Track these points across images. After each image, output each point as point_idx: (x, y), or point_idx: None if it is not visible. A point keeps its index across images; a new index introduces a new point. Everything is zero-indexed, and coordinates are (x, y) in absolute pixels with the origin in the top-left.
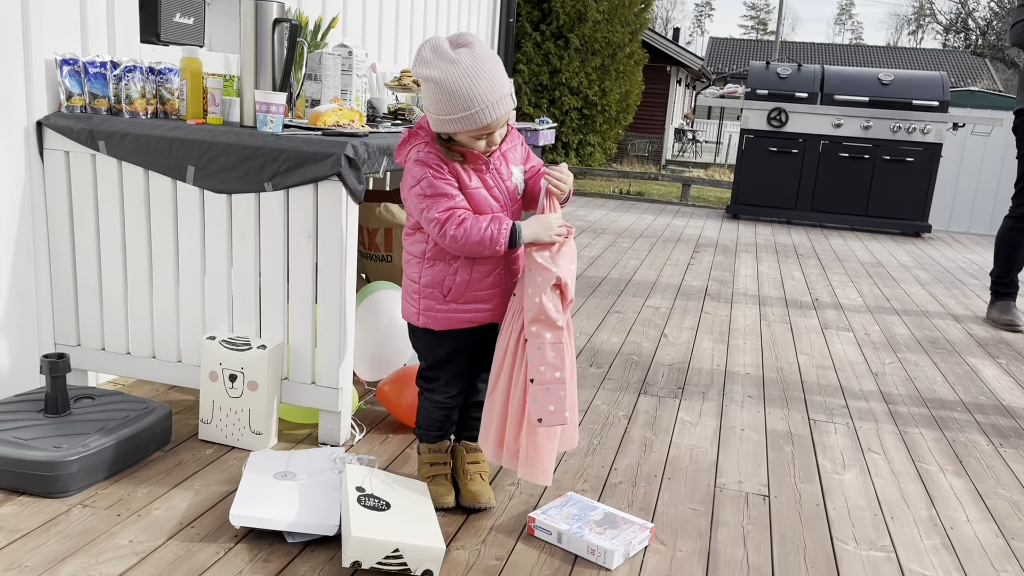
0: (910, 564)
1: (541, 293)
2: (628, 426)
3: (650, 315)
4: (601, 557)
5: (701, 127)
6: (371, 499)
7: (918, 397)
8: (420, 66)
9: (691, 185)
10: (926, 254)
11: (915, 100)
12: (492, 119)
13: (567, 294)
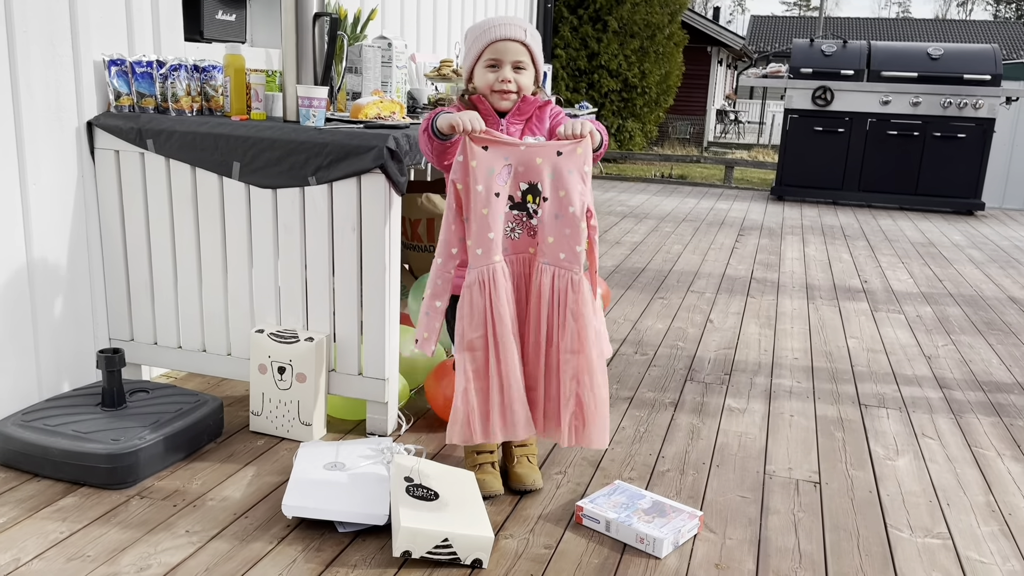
0: (967, 551)
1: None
2: (675, 413)
3: (695, 300)
4: (650, 546)
5: (743, 107)
6: (419, 489)
7: (973, 380)
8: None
9: (734, 167)
10: (980, 232)
11: (966, 74)
12: (500, 34)
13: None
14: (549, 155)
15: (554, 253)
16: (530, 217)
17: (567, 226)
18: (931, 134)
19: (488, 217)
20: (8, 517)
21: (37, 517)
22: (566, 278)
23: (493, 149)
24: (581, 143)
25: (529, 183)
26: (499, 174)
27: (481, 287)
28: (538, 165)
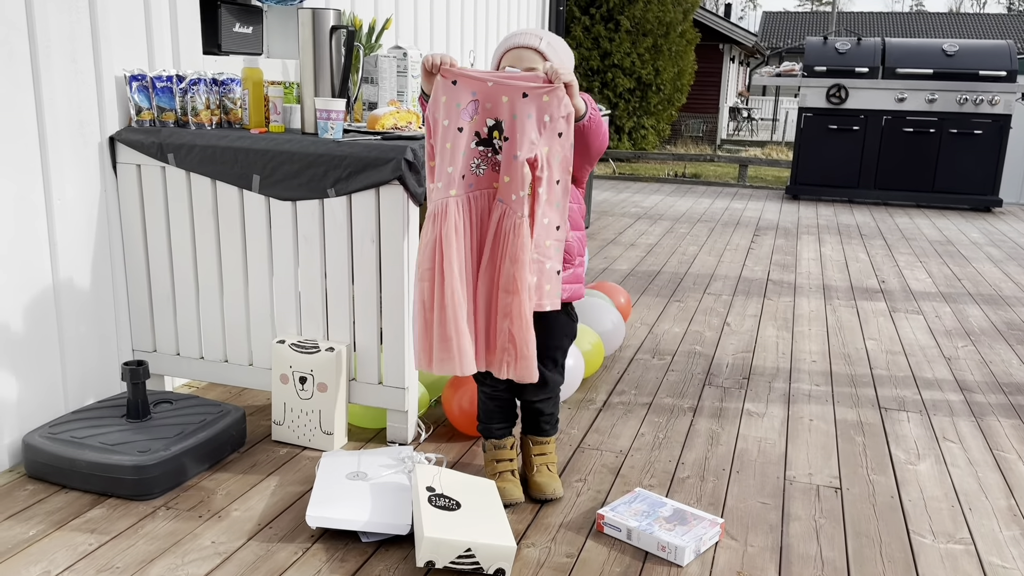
0: (990, 557)
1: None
2: (694, 419)
3: (711, 303)
4: (672, 554)
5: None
6: (442, 499)
7: (994, 383)
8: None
9: (748, 165)
10: (998, 230)
11: (981, 71)
12: (516, 42)
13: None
14: (515, 95)
15: (507, 193)
16: (495, 153)
17: (515, 170)
18: (947, 131)
19: (450, 151)
20: (37, 529)
21: (66, 529)
22: (511, 220)
23: (462, 83)
24: (549, 91)
25: (495, 119)
26: (465, 108)
27: (434, 219)
28: (503, 103)
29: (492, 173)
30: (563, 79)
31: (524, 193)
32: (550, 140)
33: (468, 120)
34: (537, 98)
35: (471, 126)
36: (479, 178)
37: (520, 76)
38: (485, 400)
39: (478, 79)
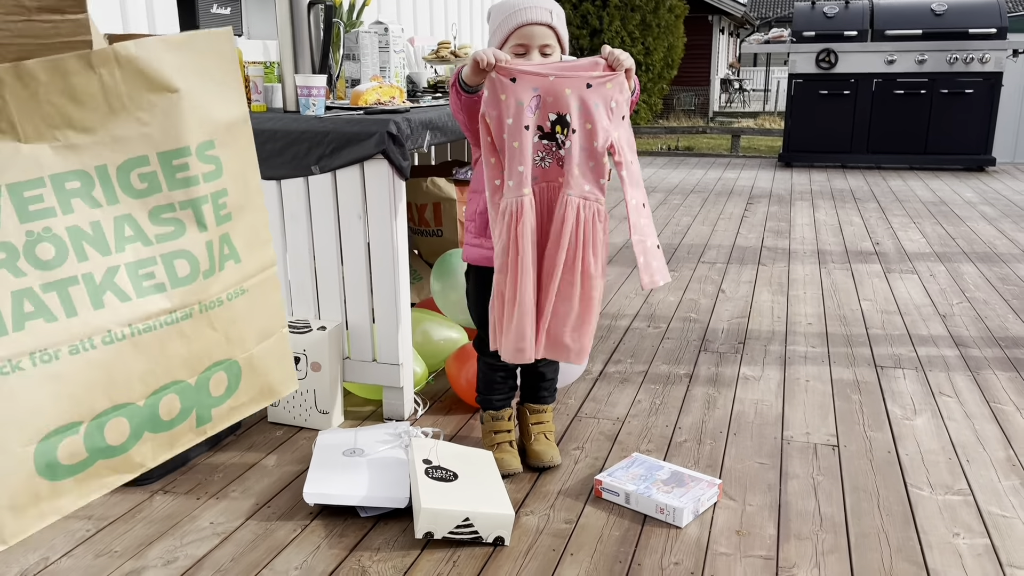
0: (989, 506)
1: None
2: (690, 384)
3: (706, 271)
4: (670, 515)
5: (747, 75)
6: (438, 471)
7: (990, 337)
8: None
9: (741, 136)
10: (991, 188)
11: (971, 28)
12: (526, 18)
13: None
14: (578, 87)
15: (579, 185)
16: (559, 147)
17: (592, 159)
18: (938, 91)
19: (519, 150)
20: None
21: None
22: (592, 209)
23: (521, 80)
24: (612, 79)
25: (558, 114)
26: (528, 105)
27: (511, 217)
28: (566, 96)
29: (557, 167)
30: (624, 65)
31: (604, 181)
32: (618, 125)
33: (532, 116)
34: (601, 87)
35: (535, 121)
36: (545, 171)
37: (580, 65)
38: (487, 371)
39: (539, 74)
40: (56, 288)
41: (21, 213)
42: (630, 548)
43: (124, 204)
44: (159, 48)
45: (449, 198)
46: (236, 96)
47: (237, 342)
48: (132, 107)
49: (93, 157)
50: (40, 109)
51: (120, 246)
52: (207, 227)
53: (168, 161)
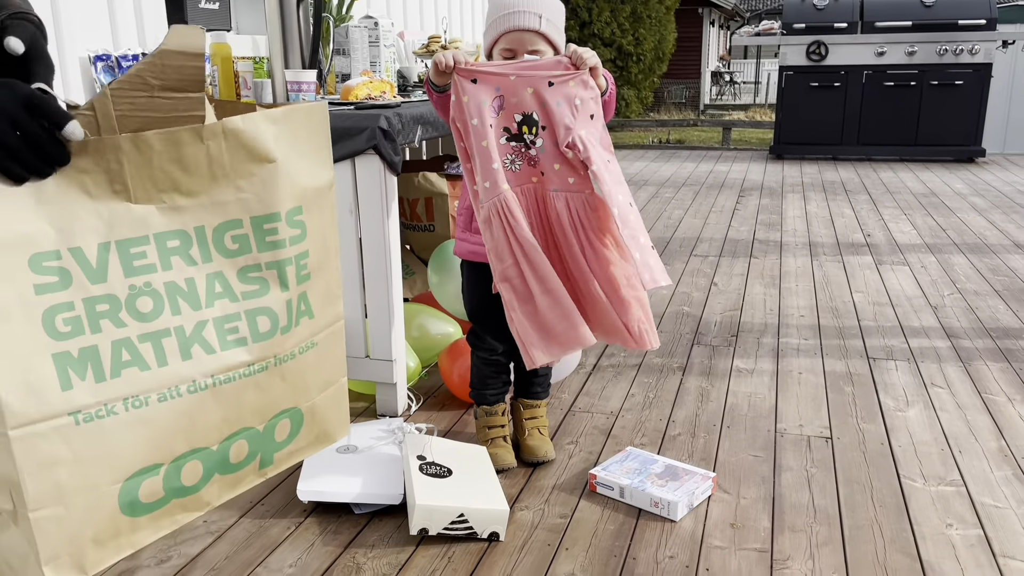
0: (981, 497)
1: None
2: (683, 377)
3: (698, 264)
4: (665, 509)
5: (738, 68)
6: (433, 467)
7: (981, 328)
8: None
9: (732, 128)
10: (981, 179)
11: (961, 20)
12: (515, 24)
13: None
14: (540, 85)
15: (563, 178)
16: (528, 148)
17: (564, 155)
18: (928, 83)
19: (488, 148)
20: None
21: None
22: (579, 199)
23: (482, 81)
24: (574, 77)
25: (523, 114)
26: (491, 106)
27: (498, 217)
28: (528, 95)
29: (528, 168)
30: (588, 64)
31: (584, 171)
32: (584, 123)
33: (495, 116)
34: (564, 85)
35: (499, 122)
36: (516, 174)
37: (542, 64)
38: (480, 365)
39: (499, 74)
40: (151, 339)
41: (126, 268)
42: (625, 542)
43: (216, 263)
44: (262, 122)
45: (441, 193)
46: (325, 163)
47: (302, 391)
48: (233, 175)
49: (193, 219)
50: (152, 174)
51: (210, 302)
52: (288, 287)
53: (260, 225)
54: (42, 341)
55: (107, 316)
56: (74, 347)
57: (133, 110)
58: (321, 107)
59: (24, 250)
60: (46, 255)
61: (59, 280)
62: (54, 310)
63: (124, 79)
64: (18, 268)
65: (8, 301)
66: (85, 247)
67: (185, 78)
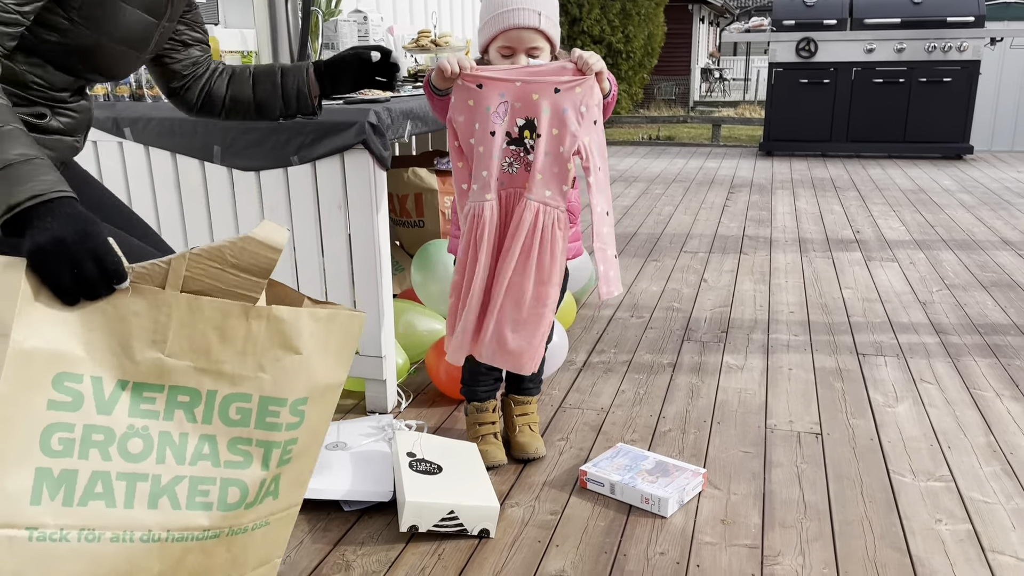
0: (970, 492)
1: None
2: (673, 373)
3: (688, 260)
4: (655, 505)
5: (728, 64)
6: (423, 464)
7: (970, 324)
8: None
9: (721, 125)
10: (969, 176)
11: (949, 17)
12: (513, 22)
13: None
14: (546, 91)
15: (540, 190)
16: (527, 152)
17: (556, 164)
18: (916, 80)
19: (483, 155)
20: None
21: None
22: (552, 216)
23: (488, 86)
24: (580, 83)
25: (526, 118)
26: (496, 111)
27: (473, 220)
28: (535, 101)
29: (525, 172)
30: (594, 69)
31: (567, 188)
32: (588, 130)
33: (500, 122)
34: (570, 91)
35: (503, 127)
36: (512, 176)
37: (548, 70)
38: (471, 362)
39: (506, 80)
40: (127, 479)
41: (133, 409)
42: (615, 538)
43: (214, 427)
44: (304, 318)
45: (431, 188)
46: (343, 365)
47: (240, 564)
48: (260, 355)
49: (211, 383)
50: (192, 335)
51: (194, 460)
52: (268, 467)
53: (266, 406)
54: (33, 452)
55: (98, 446)
56: (58, 466)
57: (202, 275)
58: (360, 318)
59: (54, 367)
60: (71, 376)
61: (71, 401)
62: (55, 428)
63: (205, 249)
64: (42, 381)
65: (19, 408)
66: (106, 379)
67: (258, 265)
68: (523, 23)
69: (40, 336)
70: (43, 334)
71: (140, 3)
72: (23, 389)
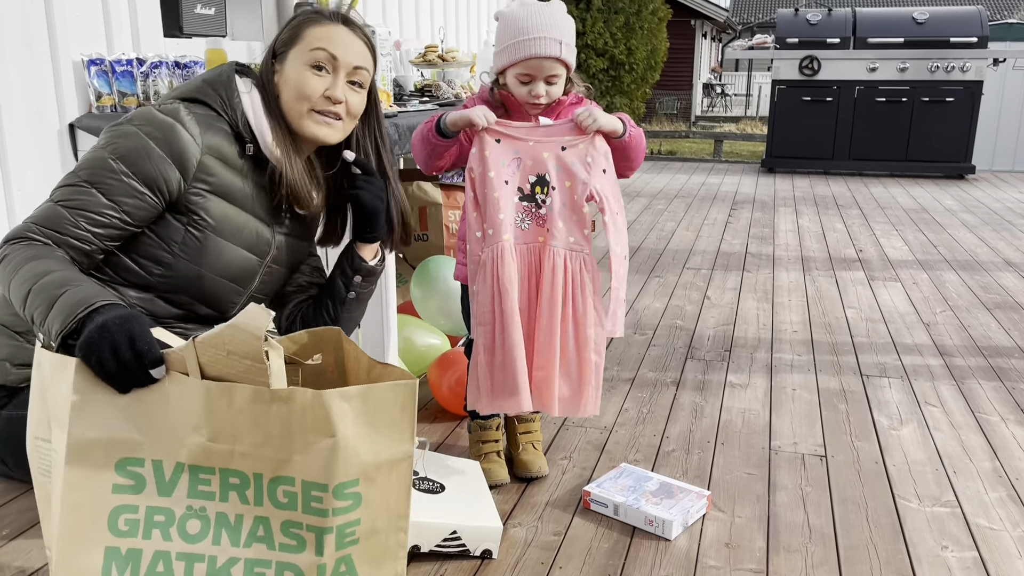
0: (976, 519)
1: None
2: (677, 392)
3: (691, 278)
4: (659, 528)
5: (730, 80)
6: (425, 482)
7: (973, 346)
8: (500, 10)
9: (723, 141)
10: (971, 196)
11: (952, 37)
12: (535, 51)
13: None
14: (554, 150)
15: (564, 237)
16: (539, 207)
17: (574, 212)
18: (919, 99)
19: (500, 200)
20: (12, 528)
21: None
22: (579, 259)
23: (504, 142)
24: (583, 141)
25: (537, 175)
26: (509, 165)
27: (493, 263)
28: (544, 159)
29: (537, 228)
30: (591, 128)
31: (588, 232)
32: (598, 178)
33: (512, 175)
34: (575, 148)
35: (515, 181)
36: (525, 232)
37: (557, 130)
38: None
39: (520, 139)
40: (186, 559)
41: (192, 490)
42: (619, 561)
43: (266, 509)
44: (332, 399)
45: (435, 202)
46: (401, 438)
47: None
48: (292, 439)
49: (255, 465)
50: (224, 420)
51: (249, 542)
52: (323, 553)
53: (309, 490)
54: (102, 533)
55: (159, 527)
56: (125, 546)
57: (213, 362)
58: (409, 386)
59: (115, 453)
60: (133, 461)
61: (135, 484)
62: (121, 510)
63: (206, 337)
64: (105, 467)
65: (86, 493)
66: (166, 462)
67: (248, 351)
68: (545, 53)
69: (98, 427)
70: (100, 424)
71: (242, 241)
72: (88, 476)
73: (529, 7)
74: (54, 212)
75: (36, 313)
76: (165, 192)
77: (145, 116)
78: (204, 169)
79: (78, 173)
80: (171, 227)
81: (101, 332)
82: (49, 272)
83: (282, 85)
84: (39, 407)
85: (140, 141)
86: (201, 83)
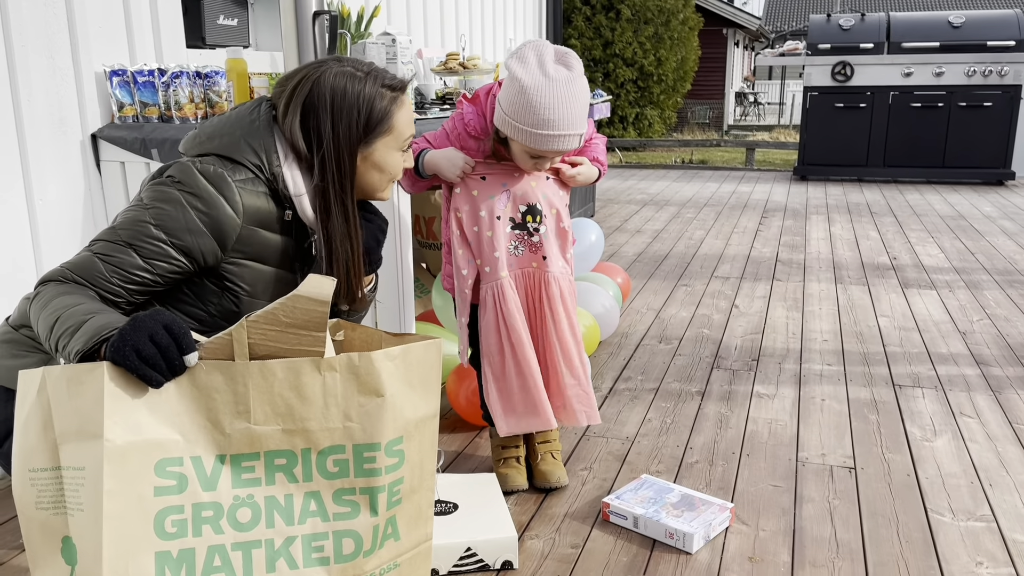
0: (1013, 534)
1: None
2: (702, 403)
3: (719, 286)
4: (680, 541)
5: (762, 88)
6: (437, 504)
7: (1011, 356)
8: (516, 64)
9: (755, 149)
10: (1011, 203)
11: (989, 41)
12: (553, 148)
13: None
14: (539, 178)
15: (557, 263)
16: (531, 235)
17: (559, 237)
18: (956, 104)
19: (493, 238)
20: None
21: None
22: (567, 279)
23: (491, 177)
24: (564, 175)
25: (527, 204)
26: (499, 199)
27: (493, 302)
28: (533, 188)
29: (530, 253)
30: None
31: (570, 254)
32: (564, 197)
33: (503, 208)
34: (557, 179)
35: (507, 213)
36: (518, 258)
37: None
38: None
39: (506, 172)
40: (243, 548)
41: (235, 480)
42: (638, 575)
43: (316, 483)
44: (378, 360)
45: None
46: (431, 395)
47: None
48: (344, 405)
49: (303, 441)
50: (272, 399)
51: (303, 519)
52: (378, 513)
53: (360, 453)
54: (150, 539)
55: (209, 522)
56: (175, 548)
57: (264, 340)
58: (435, 344)
59: (153, 455)
60: (171, 461)
61: (176, 484)
62: (166, 512)
63: (260, 314)
64: (144, 471)
65: (128, 501)
66: (205, 457)
67: (310, 320)
68: (566, 150)
69: (132, 431)
70: (134, 428)
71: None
72: (128, 483)
73: (555, 87)
74: (91, 261)
75: (61, 337)
76: (201, 262)
77: (190, 181)
78: (242, 240)
79: (118, 232)
80: (207, 289)
81: (134, 324)
82: (79, 304)
83: (369, 168)
84: (35, 436)
85: (182, 212)
86: (240, 140)
